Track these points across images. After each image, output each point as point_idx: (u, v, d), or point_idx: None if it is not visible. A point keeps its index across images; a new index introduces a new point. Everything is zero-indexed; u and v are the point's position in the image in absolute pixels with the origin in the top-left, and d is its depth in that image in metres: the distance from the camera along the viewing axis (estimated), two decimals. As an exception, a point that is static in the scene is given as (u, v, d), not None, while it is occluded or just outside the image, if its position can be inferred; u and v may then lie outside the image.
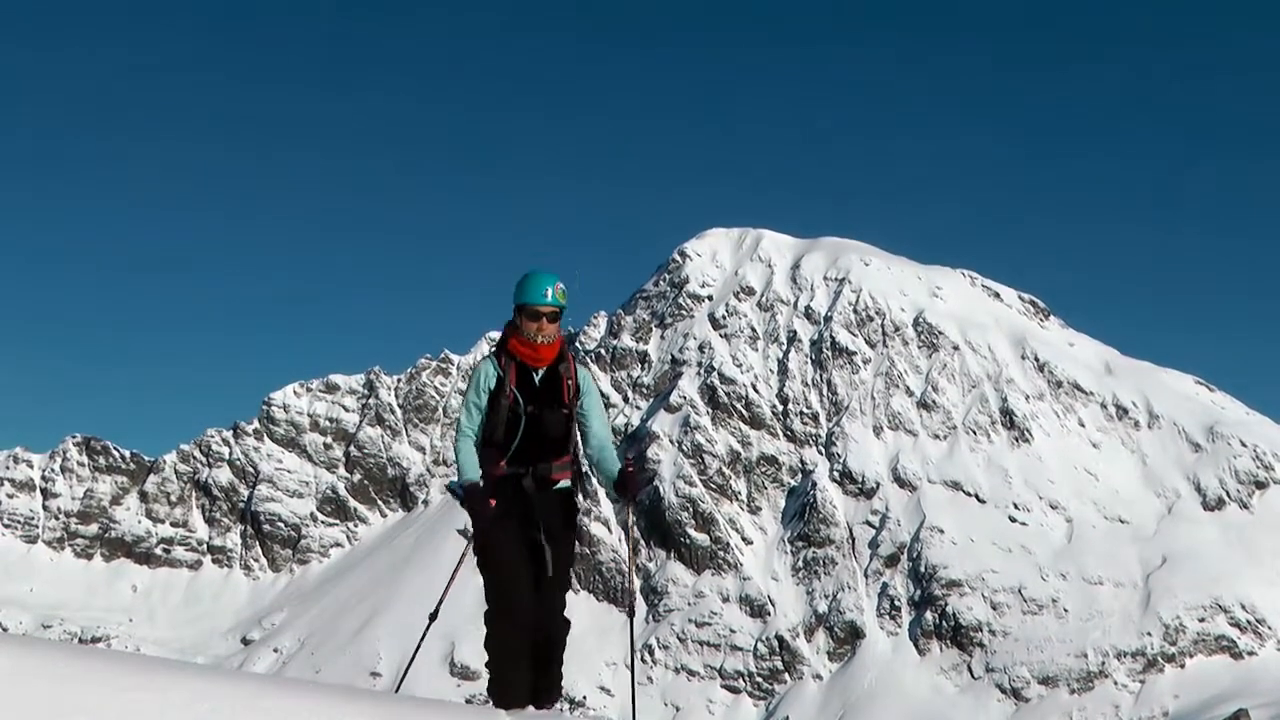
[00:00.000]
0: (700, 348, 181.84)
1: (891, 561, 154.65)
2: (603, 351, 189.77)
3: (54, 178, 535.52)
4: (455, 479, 9.63)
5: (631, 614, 12.81)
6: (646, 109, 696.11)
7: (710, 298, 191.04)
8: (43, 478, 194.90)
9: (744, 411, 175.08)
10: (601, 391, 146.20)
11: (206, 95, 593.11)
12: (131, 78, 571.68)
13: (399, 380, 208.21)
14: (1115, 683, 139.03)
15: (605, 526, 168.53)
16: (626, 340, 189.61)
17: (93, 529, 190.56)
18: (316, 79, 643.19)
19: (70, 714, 5.58)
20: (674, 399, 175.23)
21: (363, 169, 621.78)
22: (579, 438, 9.58)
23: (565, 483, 9.42)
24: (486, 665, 9.45)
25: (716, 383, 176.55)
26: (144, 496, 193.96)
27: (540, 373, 9.24)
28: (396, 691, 14.28)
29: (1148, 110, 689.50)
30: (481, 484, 9.28)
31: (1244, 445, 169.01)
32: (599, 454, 9.59)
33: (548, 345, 9.23)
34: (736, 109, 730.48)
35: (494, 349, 9.48)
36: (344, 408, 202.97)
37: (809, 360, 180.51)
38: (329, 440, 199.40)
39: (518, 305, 9.23)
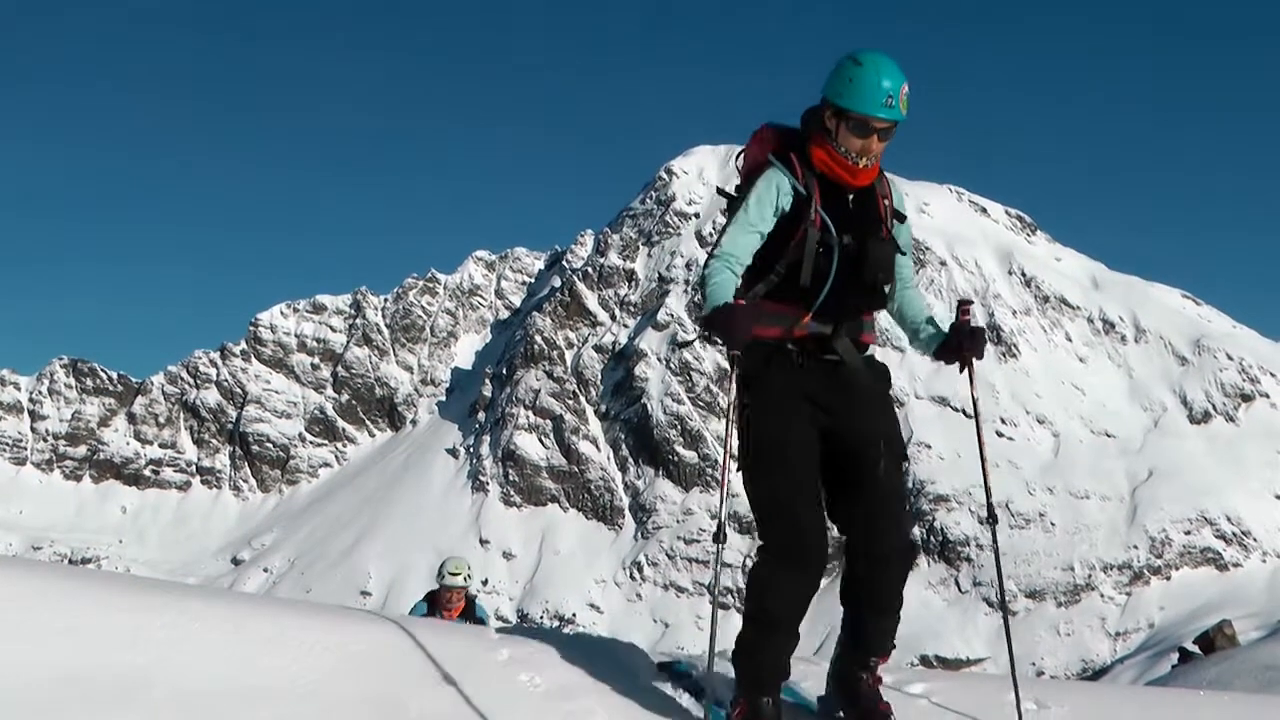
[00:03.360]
0: (687, 265, 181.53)
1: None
2: (590, 270, 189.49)
3: (41, 109, 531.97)
4: (703, 315, 6.23)
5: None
6: (633, 25, 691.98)
7: (697, 215, 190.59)
8: (30, 400, 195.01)
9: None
10: (589, 310, 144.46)
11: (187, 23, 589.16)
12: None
13: (386, 300, 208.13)
14: (1101, 595, 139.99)
15: (593, 444, 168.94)
16: (613, 258, 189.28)
17: (81, 451, 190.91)
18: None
19: (62, 635, 5.56)
20: (661, 317, 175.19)
21: (348, 86, 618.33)
22: None
23: (874, 348, 6.58)
24: (745, 609, 6.28)
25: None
26: (132, 418, 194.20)
27: (853, 193, 6.29)
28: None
29: (1136, 21, 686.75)
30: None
31: (1230, 358, 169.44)
32: (907, 302, 6.76)
33: (869, 170, 6.24)
34: (721, 25, 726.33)
35: (777, 153, 6.39)
36: (331, 328, 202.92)
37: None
38: (316, 361, 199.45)
39: (837, 107, 6.10)
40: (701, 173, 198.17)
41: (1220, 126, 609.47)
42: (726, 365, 6.15)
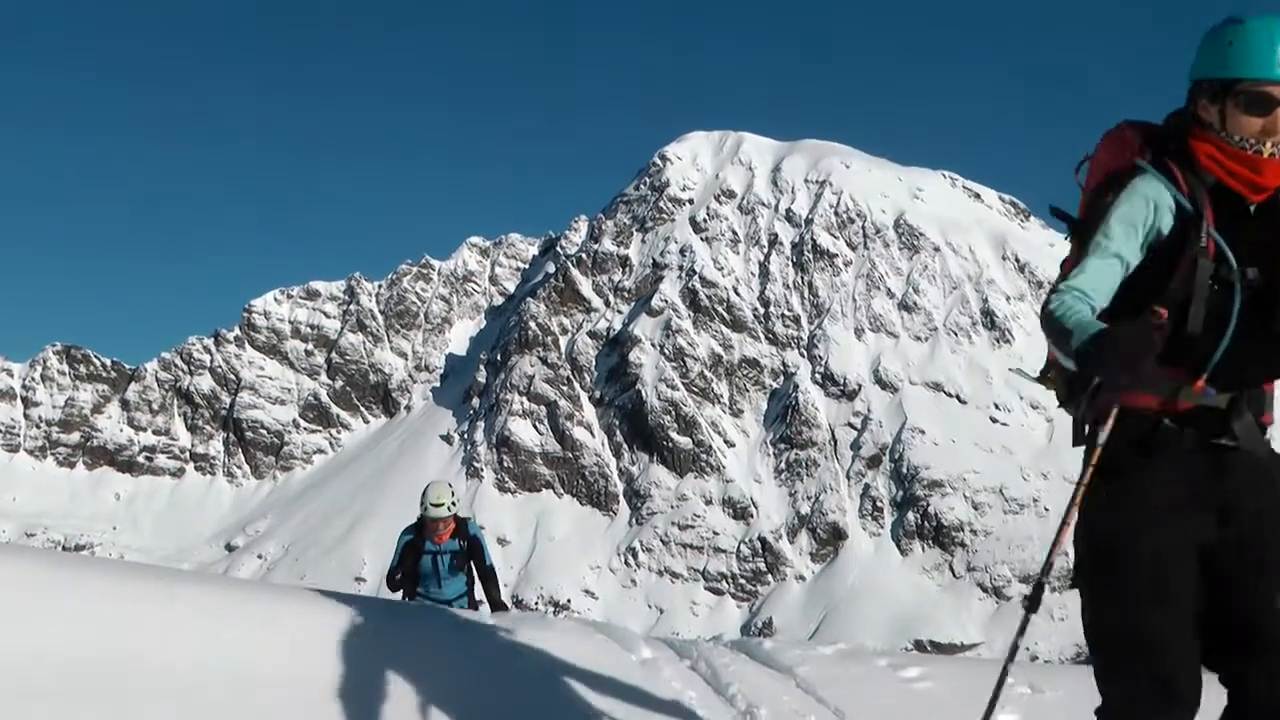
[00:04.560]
0: (681, 251, 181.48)
1: (873, 463, 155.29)
2: (584, 256, 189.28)
3: (37, 94, 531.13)
4: (1071, 350, 4.14)
5: None
6: (628, 11, 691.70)
7: (691, 201, 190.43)
8: (23, 386, 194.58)
9: (725, 315, 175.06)
10: (583, 295, 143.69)
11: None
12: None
13: (380, 286, 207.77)
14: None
15: (587, 430, 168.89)
16: (607, 244, 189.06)
17: (74, 437, 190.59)
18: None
19: (56, 622, 5.56)
20: (655, 303, 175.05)
21: (343, 72, 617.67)
22: None
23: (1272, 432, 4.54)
24: None
25: (698, 286, 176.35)
26: (125, 405, 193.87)
27: (1255, 206, 4.40)
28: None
29: (1132, 8, 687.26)
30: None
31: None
32: None
33: (1277, 163, 4.32)
34: (717, 11, 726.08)
35: (1148, 153, 4.54)
36: (325, 314, 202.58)
37: (790, 263, 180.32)
38: (310, 347, 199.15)
39: (1220, 83, 4.40)
40: (695, 158, 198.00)
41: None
42: (1077, 423, 4.59)
